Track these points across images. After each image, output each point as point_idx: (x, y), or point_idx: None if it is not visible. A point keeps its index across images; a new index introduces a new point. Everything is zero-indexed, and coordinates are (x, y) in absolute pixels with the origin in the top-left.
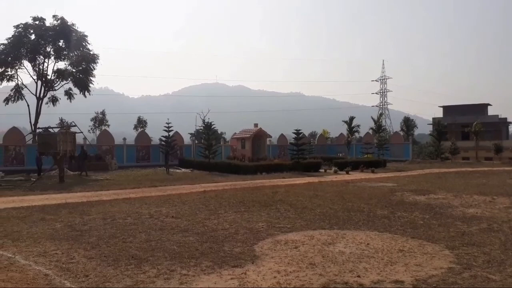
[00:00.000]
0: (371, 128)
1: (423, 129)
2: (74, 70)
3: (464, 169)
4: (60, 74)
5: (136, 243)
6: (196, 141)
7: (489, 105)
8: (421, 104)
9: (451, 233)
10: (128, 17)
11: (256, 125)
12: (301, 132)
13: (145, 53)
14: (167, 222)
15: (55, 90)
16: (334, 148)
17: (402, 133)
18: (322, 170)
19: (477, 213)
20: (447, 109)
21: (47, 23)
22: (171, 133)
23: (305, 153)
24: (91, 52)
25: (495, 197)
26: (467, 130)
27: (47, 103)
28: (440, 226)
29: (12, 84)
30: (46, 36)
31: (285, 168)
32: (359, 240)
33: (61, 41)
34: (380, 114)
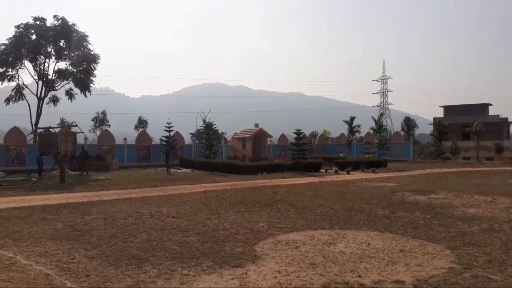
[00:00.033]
0: (372, 128)
1: (424, 129)
2: (75, 70)
3: (465, 169)
4: (61, 74)
5: (137, 243)
6: (197, 141)
7: (490, 105)
8: (422, 104)
9: (452, 233)
10: (128, 17)
11: (257, 125)
12: (302, 132)
13: (146, 53)
14: (168, 222)
15: (56, 90)
16: (335, 148)
17: (403, 133)
18: (323, 170)
19: (478, 213)
20: (448, 109)
21: (48, 23)
22: (172, 133)
23: (306, 153)
24: (92, 52)
25: (496, 197)
26: (468, 130)
27: (48, 103)
28: (441, 226)
29: (13, 84)
30: (47, 36)
31: (286, 168)
32: (360, 240)
33: (62, 41)
34: (381, 114)
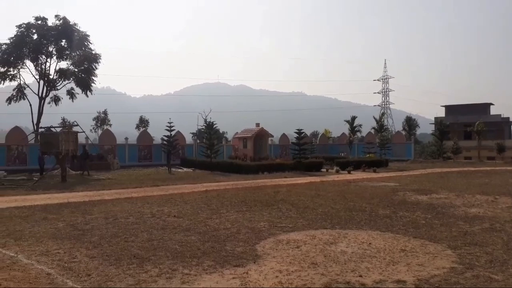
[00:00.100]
0: (373, 128)
1: (425, 129)
2: (76, 70)
3: (466, 169)
4: (62, 74)
5: (138, 243)
6: (198, 141)
7: (492, 105)
8: (423, 104)
9: (453, 233)
10: (129, 17)
11: (258, 125)
12: (303, 132)
13: (147, 53)
14: (169, 222)
15: (57, 90)
16: (336, 148)
17: (404, 133)
18: (324, 170)
19: (480, 213)
20: (449, 109)
21: (49, 23)
22: (173, 133)
23: (307, 153)
24: (93, 52)
25: (498, 197)
26: (469, 130)
27: (49, 103)
28: (442, 226)
29: (15, 84)
30: (48, 36)
31: (287, 168)
32: (361, 240)
33: (63, 41)
34: (382, 114)
